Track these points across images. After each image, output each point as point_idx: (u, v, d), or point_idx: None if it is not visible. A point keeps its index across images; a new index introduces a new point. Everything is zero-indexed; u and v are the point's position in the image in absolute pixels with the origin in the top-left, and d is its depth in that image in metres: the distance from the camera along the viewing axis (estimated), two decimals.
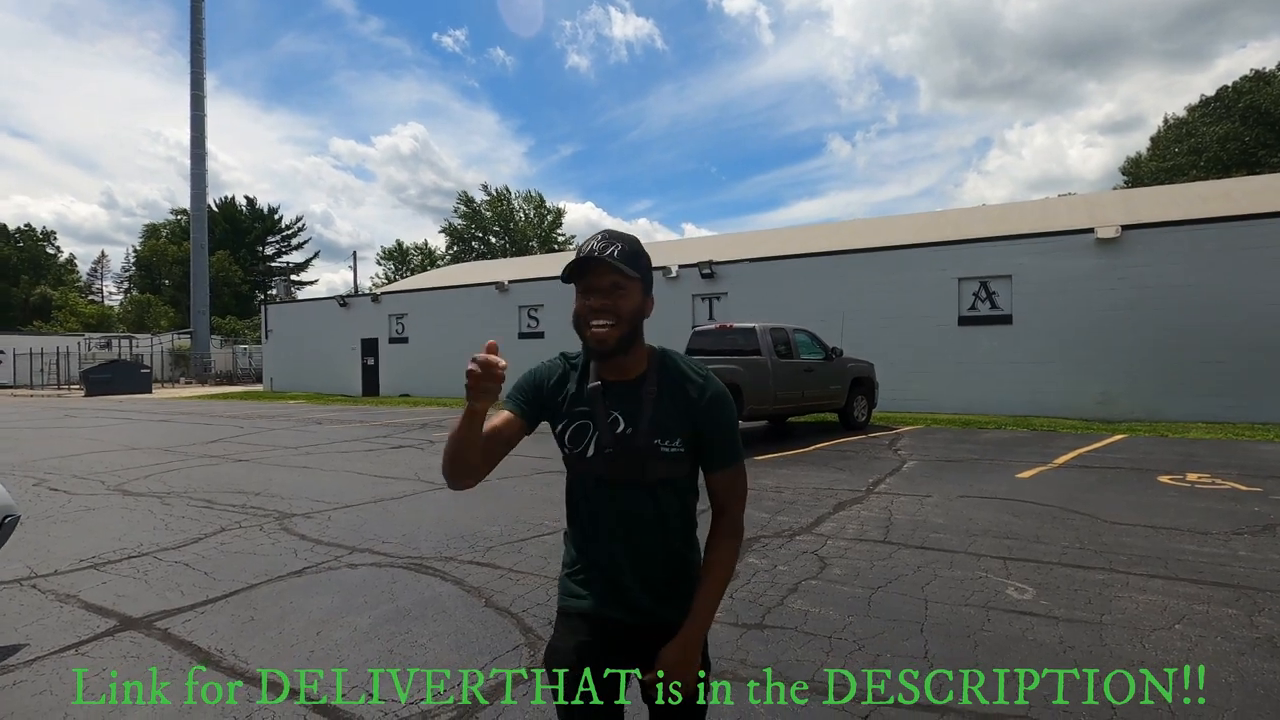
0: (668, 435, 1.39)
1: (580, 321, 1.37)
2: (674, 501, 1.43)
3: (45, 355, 35.25)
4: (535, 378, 1.49)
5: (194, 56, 40.80)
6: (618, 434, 1.39)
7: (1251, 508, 5.70)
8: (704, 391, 1.42)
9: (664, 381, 1.43)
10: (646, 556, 1.43)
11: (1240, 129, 37.76)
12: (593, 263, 1.35)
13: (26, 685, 2.86)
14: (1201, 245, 12.72)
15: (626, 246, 1.37)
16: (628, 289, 1.36)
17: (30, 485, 7.48)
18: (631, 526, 1.42)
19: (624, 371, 1.43)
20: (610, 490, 1.41)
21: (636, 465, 1.39)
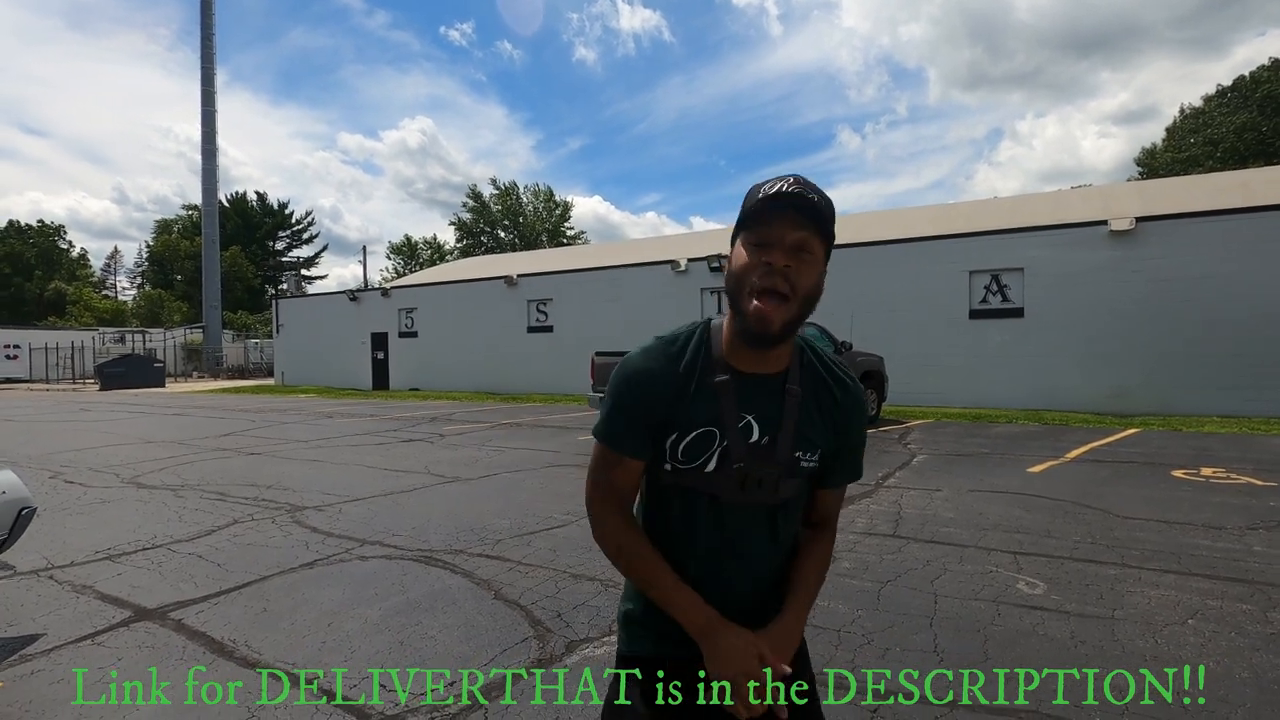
0: (810, 447, 1.14)
1: (742, 284, 1.03)
2: (790, 526, 1.19)
3: (60, 350, 35.68)
4: (644, 392, 1.11)
5: (204, 53, 40.98)
6: (751, 444, 1.10)
7: (1267, 503, 5.64)
8: (852, 397, 1.18)
9: (807, 379, 1.15)
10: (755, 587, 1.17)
11: (1258, 119, 37.15)
12: (788, 206, 1.01)
13: (44, 674, 2.90)
14: (1217, 237, 12.55)
15: (824, 198, 1.04)
16: (815, 255, 1.04)
17: (47, 478, 7.58)
18: (745, 555, 1.15)
19: (765, 360, 1.12)
20: (722, 514, 1.13)
21: (770, 483, 1.11)
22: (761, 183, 1.06)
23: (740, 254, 1.06)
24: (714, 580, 1.14)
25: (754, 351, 1.10)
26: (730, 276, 1.07)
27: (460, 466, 7.97)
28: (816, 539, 1.25)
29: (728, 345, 1.12)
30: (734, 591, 1.15)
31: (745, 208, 1.05)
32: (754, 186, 1.07)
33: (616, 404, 1.13)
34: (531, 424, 12.73)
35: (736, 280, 1.05)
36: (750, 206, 1.04)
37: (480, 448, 9.56)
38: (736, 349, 1.11)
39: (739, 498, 1.11)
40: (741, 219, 1.06)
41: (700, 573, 1.14)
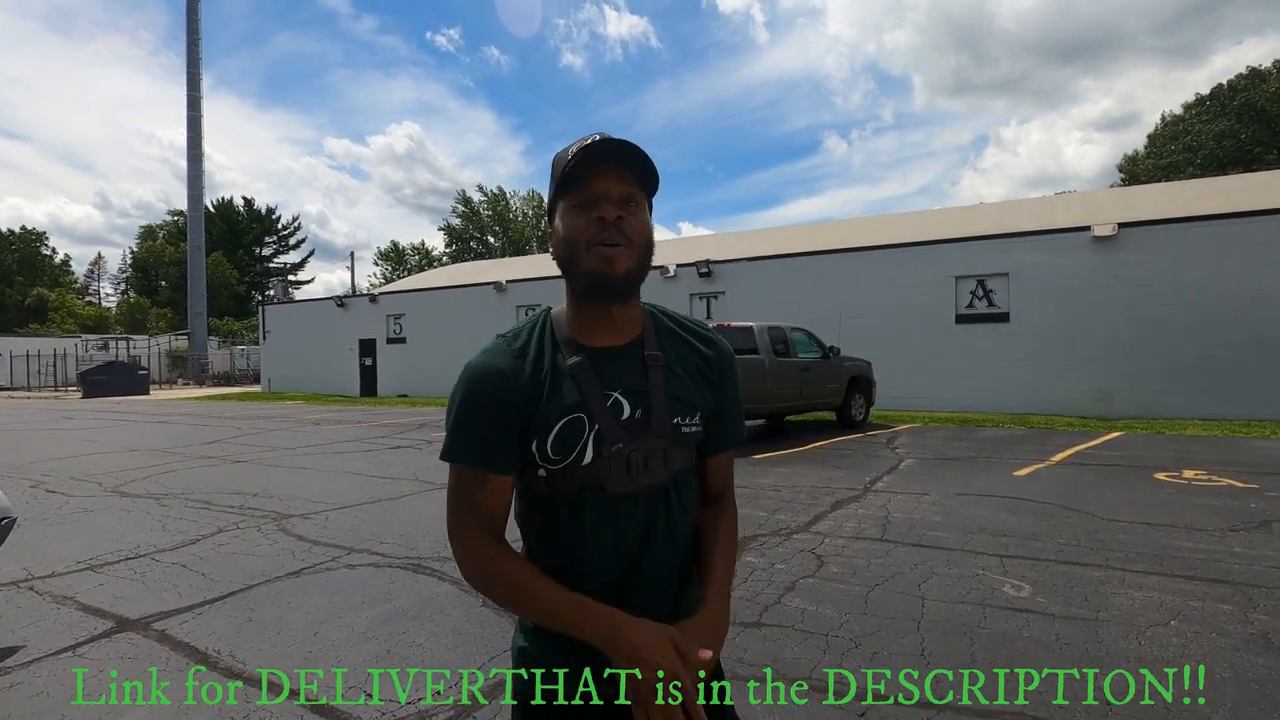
0: (688, 411, 1.04)
1: (576, 246, 0.98)
2: (687, 501, 1.08)
3: (42, 357, 35.21)
4: (496, 395, 1.00)
5: (190, 57, 40.72)
6: (625, 421, 1.00)
7: (1248, 504, 5.72)
8: (718, 350, 1.11)
9: (666, 343, 1.07)
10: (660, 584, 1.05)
11: (1236, 126, 37.83)
12: (604, 158, 0.96)
13: (24, 687, 2.85)
14: (1198, 243, 12.76)
15: (642, 151, 0.99)
16: (641, 205, 1.01)
17: (27, 487, 7.47)
18: (641, 549, 1.03)
19: (616, 331, 1.04)
20: (613, 507, 1.00)
21: (657, 459, 1.01)
22: (568, 146, 1.00)
23: (565, 221, 1.00)
24: (623, 585, 1.02)
25: (601, 322, 1.03)
26: (560, 245, 1.01)
27: None
28: (718, 515, 1.14)
29: (573, 325, 1.04)
30: (646, 592, 1.03)
31: (560, 173, 0.99)
32: (559, 152, 1.02)
33: (466, 416, 1.01)
34: None
35: (568, 244, 0.99)
36: (565, 169, 0.97)
37: None
38: (582, 326, 1.04)
39: (628, 484, 1.00)
40: (559, 185, 0.99)
41: (606, 580, 1.01)
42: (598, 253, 0.97)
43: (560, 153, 1.01)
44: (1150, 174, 40.06)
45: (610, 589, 1.01)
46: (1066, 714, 2.50)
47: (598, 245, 0.97)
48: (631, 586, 1.03)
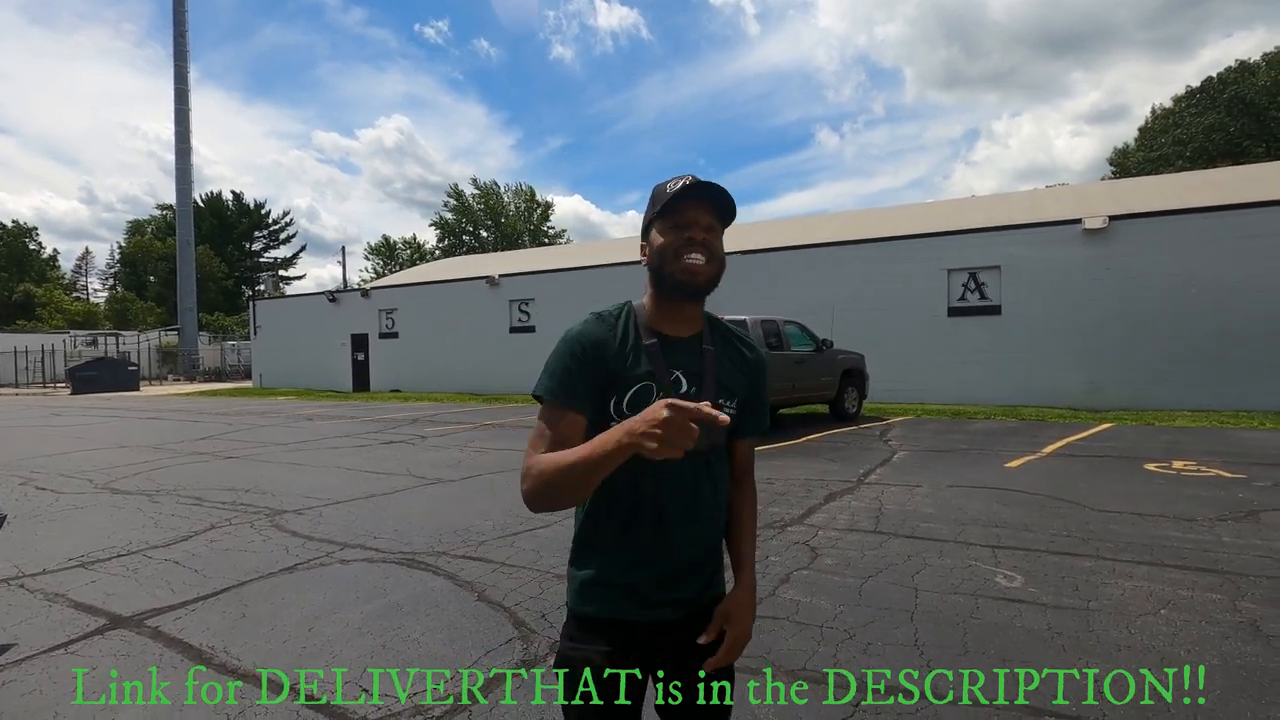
0: (729, 395, 1.32)
1: (666, 255, 1.24)
2: (723, 472, 1.35)
3: (30, 353, 34.84)
4: (593, 352, 1.26)
5: (177, 50, 40.23)
6: (681, 394, 1.26)
7: (1236, 494, 5.78)
8: (757, 356, 1.40)
9: (718, 340, 1.36)
10: (704, 539, 1.32)
11: (1225, 120, 38.02)
12: (700, 194, 1.24)
13: (15, 685, 2.84)
14: (1188, 235, 12.84)
15: (727, 192, 1.27)
16: (719, 234, 1.29)
17: (17, 484, 7.41)
18: (691, 501, 1.28)
19: (683, 325, 1.32)
20: (671, 463, 1.21)
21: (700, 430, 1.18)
22: (666, 181, 1.28)
23: (660, 237, 1.26)
24: (669, 523, 1.25)
25: (674, 317, 1.30)
26: (655, 254, 1.26)
27: (442, 468, 7.92)
28: (743, 495, 1.42)
29: (652, 315, 1.31)
30: (685, 541, 1.27)
31: (661, 202, 1.25)
32: (660, 185, 1.29)
33: (563, 364, 1.25)
34: (514, 425, 12.68)
35: (660, 254, 1.25)
36: (666, 199, 1.24)
37: (462, 449, 9.51)
38: (659, 317, 1.30)
39: None
40: (659, 211, 1.26)
41: (653, 518, 1.25)
42: (687, 262, 1.23)
43: (660, 186, 1.29)
44: (1140, 167, 40.25)
45: (669, 530, 1.26)
46: (1065, 711, 2.52)
47: (686, 256, 1.23)
48: (690, 531, 1.27)
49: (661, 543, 1.26)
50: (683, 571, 1.28)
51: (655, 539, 1.26)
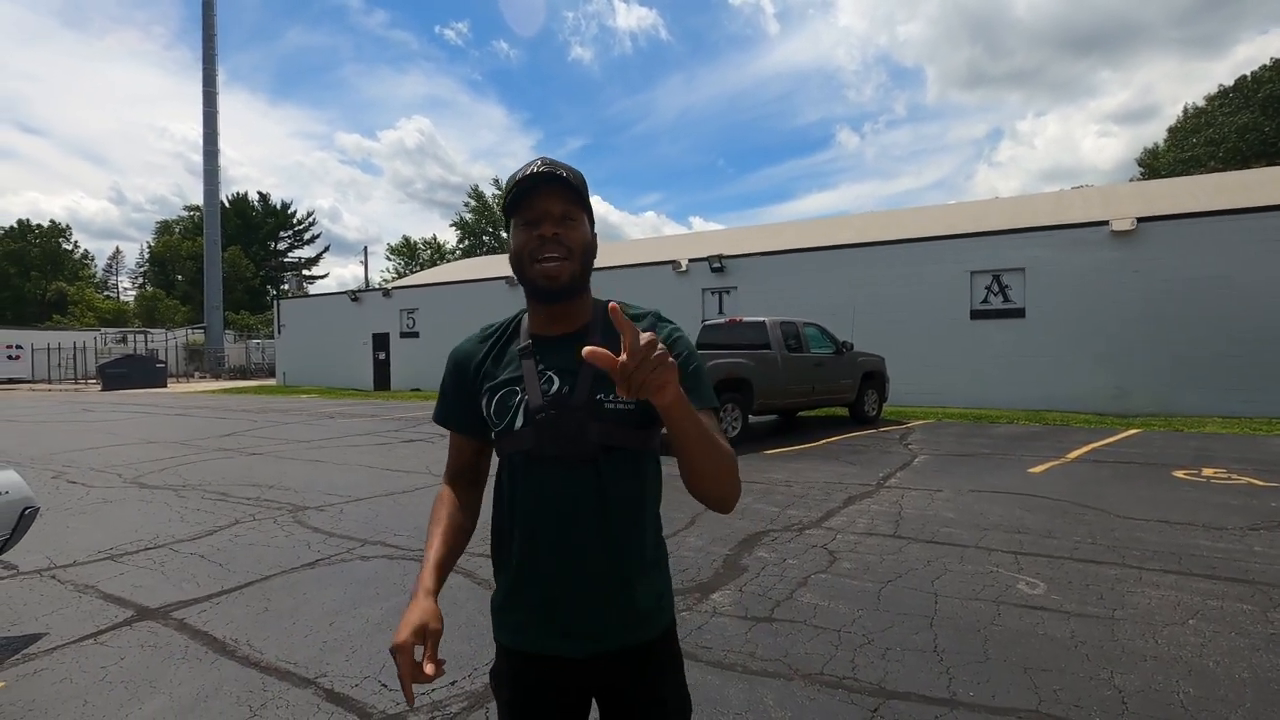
0: (612, 389, 1.09)
1: (522, 259, 1.14)
2: (623, 478, 1.14)
3: (62, 350, 35.74)
4: (459, 369, 1.27)
5: (205, 53, 41.05)
6: (552, 394, 1.14)
7: (1268, 503, 5.64)
8: (655, 329, 1.17)
9: (609, 329, 1.16)
10: (588, 558, 1.12)
11: (1260, 119, 37.09)
12: (543, 183, 1.11)
13: (47, 673, 2.91)
14: (1218, 237, 12.54)
15: (574, 172, 1.15)
16: (579, 220, 1.15)
17: (49, 478, 7.60)
18: (567, 515, 1.12)
19: (565, 322, 1.20)
20: (541, 471, 1.13)
21: (574, 429, 1.11)
22: (515, 172, 1.16)
23: (515, 236, 1.16)
24: (550, 549, 1.13)
25: (550, 315, 1.20)
26: (512, 257, 1.17)
27: None
28: None
29: (532, 319, 1.24)
30: (576, 563, 1.13)
31: (506, 197, 1.15)
32: (510, 176, 1.17)
33: (442, 386, 1.30)
34: None
35: (518, 257, 1.15)
36: (510, 193, 1.13)
37: None
38: (537, 320, 1.22)
39: (549, 449, 1.13)
40: (506, 207, 1.16)
41: (525, 535, 1.15)
42: (541, 268, 1.13)
43: (511, 177, 1.17)
44: (1171, 168, 39.41)
45: (538, 551, 1.14)
46: (1081, 713, 2.48)
47: (540, 261, 1.13)
48: (560, 552, 1.13)
49: (536, 562, 1.14)
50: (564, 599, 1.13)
51: (530, 558, 1.15)
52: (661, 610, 1.20)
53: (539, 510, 1.14)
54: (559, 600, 1.14)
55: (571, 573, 1.13)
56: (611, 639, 1.15)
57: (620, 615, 1.15)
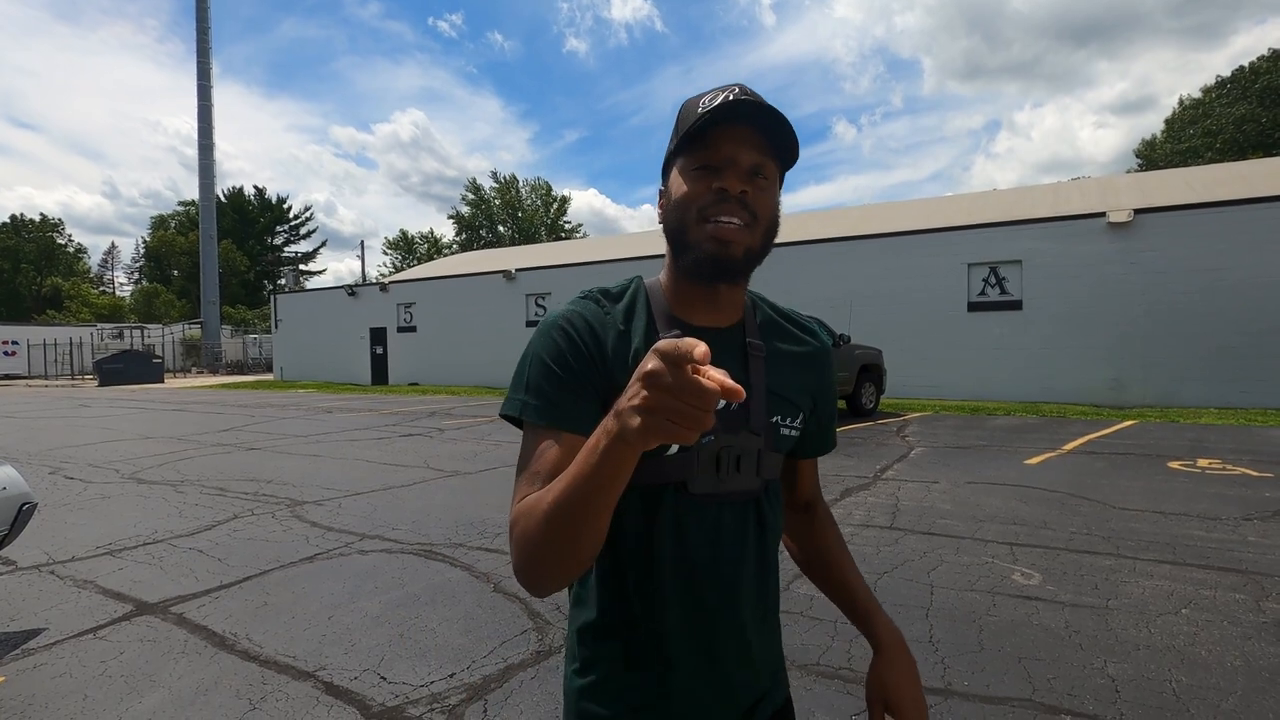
0: (788, 410, 0.91)
1: (688, 213, 0.83)
2: (778, 524, 0.94)
3: (59, 346, 35.65)
4: (585, 348, 0.84)
5: (199, 47, 40.77)
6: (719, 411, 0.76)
7: (1262, 493, 5.67)
8: (824, 347, 0.99)
9: (768, 332, 0.95)
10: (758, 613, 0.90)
11: (1258, 110, 37.07)
12: (741, 116, 0.81)
13: (47, 668, 2.92)
14: (1215, 229, 12.56)
15: (784, 116, 0.83)
16: (771, 181, 0.87)
17: (47, 473, 7.60)
18: (727, 568, 0.87)
19: (719, 312, 0.90)
20: (694, 513, 0.85)
21: (750, 459, 0.87)
22: (700, 94, 0.85)
23: (680, 184, 0.85)
24: (690, 605, 0.85)
25: (705, 301, 0.89)
26: (671, 210, 0.86)
27: (460, 461, 7.99)
28: (825, 527, 1.06)
29: (671, 298, 0.90)
30: (720, 618, 0.87)
31: (685, 128, 0.83)
32: (689, 100, 0.86)
33: (545, 368, 0.83)
34: None
35: (680, 211, 0.84)
36: (692, 126, 0.82)
37: (479, 442, 9.58)
38: (682, 302, 0.89)
39: (714, 485, 0.85)
40: (681, 142, 0.84)
41: (671, 597, 0.85)
42: (716, 229, 0.82)
43: (690, 100, 0.86)
44: (1168, 159, 39.41)
45: (686, 613, 0.85)
46: (1075, 701, 2.50)
47: (715, 220, 0.82)
48: (712, 613, 0.86)
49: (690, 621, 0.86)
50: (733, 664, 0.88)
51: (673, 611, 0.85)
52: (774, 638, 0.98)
53: (696, 560, 0.85)
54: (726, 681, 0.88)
55: (730, 627, 0.87)
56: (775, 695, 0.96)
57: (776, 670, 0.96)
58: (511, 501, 0.80)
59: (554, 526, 0.69)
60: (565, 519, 0.68)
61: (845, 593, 1.02)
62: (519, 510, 0.76)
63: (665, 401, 0.54)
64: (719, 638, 0.87)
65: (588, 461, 0.65)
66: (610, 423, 0.62)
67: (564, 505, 0.68)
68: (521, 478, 0.80)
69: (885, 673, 0.94)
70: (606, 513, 0.68)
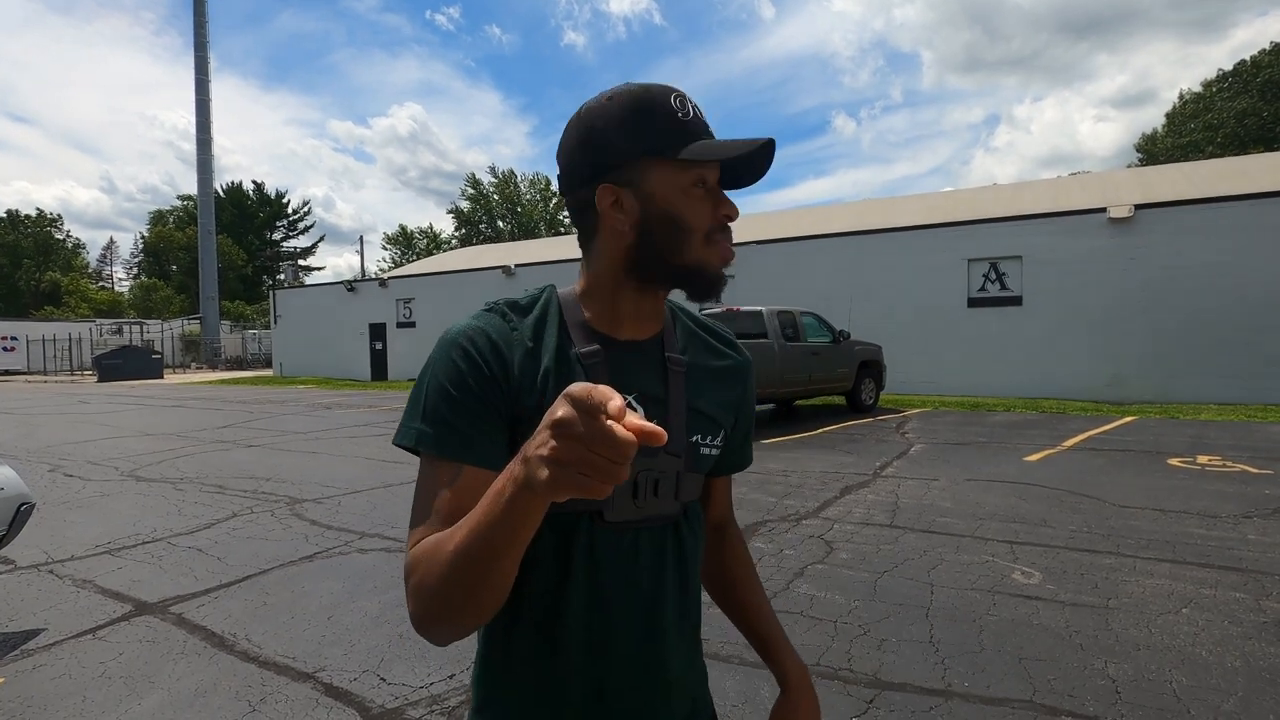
0: (709, 429, 0.87)
1: (691, 230, 0.79)
2: (698, 548, 0.89)
3: (58, 341, 35.60)
4: (488, 369, 0.76)
5: (197, 40, 40.58)
6: None
7: (1262, 490, 5.67)
8: (745, 360, 0.95)
9: (688, 344, 0.89)
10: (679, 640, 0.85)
11: (1259, 104, 36.98)
12: (762, 160, 0.81)
13: (46, 669, 2.92)
14: (1217, 224, 12.53)
15: None
16: None
17: (46, 471, 7.59)
18: (646, 598, 0.82)
19: (639, 325, 0.85)
20: (610, 541, 0.79)
21: (669, 483, 0.82)
22: (658, 88, 0.80)
23: (680, 193, 0.78)
24: (608, 638, 0.80)
25: (630, 310, 0.83)
26: (661, 221, 0.78)
27: None
28: (735, 553, 1.01)
29: (592, 309, 0.84)
30: (638, 648, 0.81)
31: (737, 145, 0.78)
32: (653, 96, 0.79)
33: (444, 393, 0.75)
34: None
35: (680, 226, 0.78)
36: (747, 150, 0.77)
37: None
38: (606, 310, 0.83)
39: (632, 511, 0.80)
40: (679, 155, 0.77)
41: (586, 631, 0.79)
42: (724, 251, 0.81)
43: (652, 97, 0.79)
44: (1169, 153, 39.33)
45: (601, 645, 0.79)
46: (1075, 702, 2.50)
47: (720, 243, 0.81)
48: (629, 644, 0.81)
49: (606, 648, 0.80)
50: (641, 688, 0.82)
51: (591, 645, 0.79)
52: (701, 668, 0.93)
53: (614, 591, 0.79)
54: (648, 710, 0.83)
55: (649, 661, 0.82)
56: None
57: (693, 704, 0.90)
58: (406, 543, 0.73)
59: (455, 576, 0.63)
60: (467, 568, 0.62)
61: (754, 623, 0.98)
62: (416, 556, 0.69)
63: (576, 453, 0.49)
64: (636, 669, 0.81)
65: (492, 509, 0.59)
66: (517, 469, 0.56)
67: (466, 554, 0.62)
68: (416, 516, 0.74)
69: (790, 715, 0.93)
70: (514, 563, 0.63)
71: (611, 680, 0.80)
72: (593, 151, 0.79)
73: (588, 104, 0.81)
